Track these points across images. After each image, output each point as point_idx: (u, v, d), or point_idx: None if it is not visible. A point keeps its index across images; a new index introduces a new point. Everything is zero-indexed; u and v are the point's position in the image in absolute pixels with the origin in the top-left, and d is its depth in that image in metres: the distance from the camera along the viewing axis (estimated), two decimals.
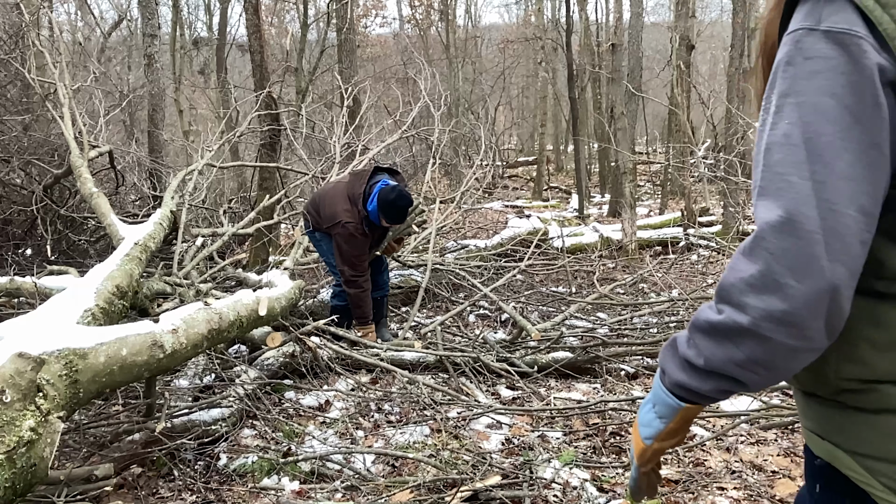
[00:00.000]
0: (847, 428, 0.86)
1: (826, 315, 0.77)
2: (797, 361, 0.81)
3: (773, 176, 0.79)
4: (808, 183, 0.76)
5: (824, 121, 0.76)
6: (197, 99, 17.63)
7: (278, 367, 3.79)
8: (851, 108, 0.75)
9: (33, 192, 5.92)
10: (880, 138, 0.76)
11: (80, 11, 17.93)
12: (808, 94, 0.77)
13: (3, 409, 1.84)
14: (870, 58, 0.74)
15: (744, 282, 0.79)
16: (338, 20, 12.42)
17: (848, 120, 0.75)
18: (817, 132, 0.76)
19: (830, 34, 0.76)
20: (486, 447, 3.08)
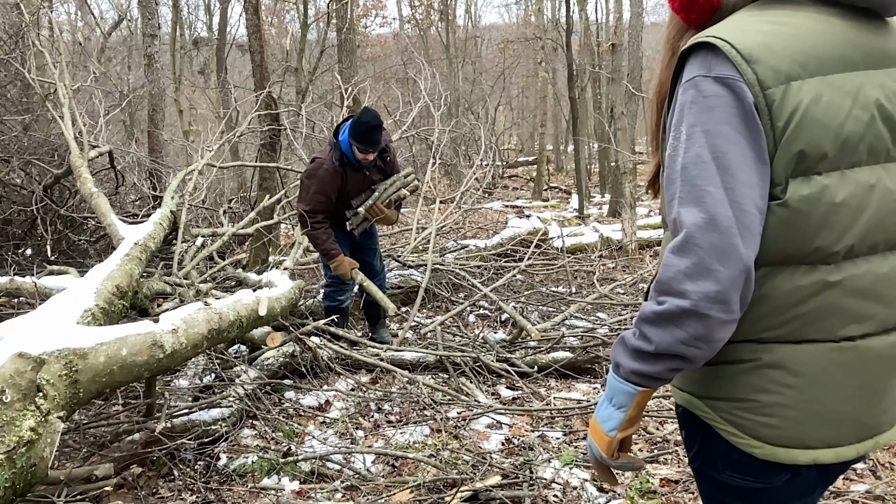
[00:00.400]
0: (698, 378, 1.12)
1: (742, 290, 0.98)
2: (726, 332, 1.00)
3: (691, 188, 0.99)
4: (721, 190, 0.97)
5: (726, 143, 0.98)
6: (197, 99, 17.63)
7: (278, 367, 3.79)
8: (743, 132, 0.98)
9: (33, 192, 5.92)
10: (764, 154, 0.99)
11: (80, 11, 17.93)
12: (710, 123, 0.99)
13: (3, 409, 1.84)
14: (747, 95, 0.98)
15: (681, 273, 0.98)
16: (338, 20, 12.42)
17: (743, 142, 0.98)
18: (722, 152, 0.98)
19: (720, 79, 1.00)
20: (486, 447, 3.08)
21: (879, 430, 1.10)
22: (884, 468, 2.74)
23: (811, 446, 1.06)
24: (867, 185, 1.02)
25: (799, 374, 1.04)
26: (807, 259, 1.03)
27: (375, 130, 3.96)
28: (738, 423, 1.08)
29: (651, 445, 3.06)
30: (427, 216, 7.04)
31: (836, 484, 2.64)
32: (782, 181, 1.01)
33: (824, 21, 1.04)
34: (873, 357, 1.06)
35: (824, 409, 1.05)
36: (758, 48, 1.00)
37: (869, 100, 1.02)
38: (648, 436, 3.12)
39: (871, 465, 2.77)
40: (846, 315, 1.04)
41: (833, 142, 1.00)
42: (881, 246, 1.05)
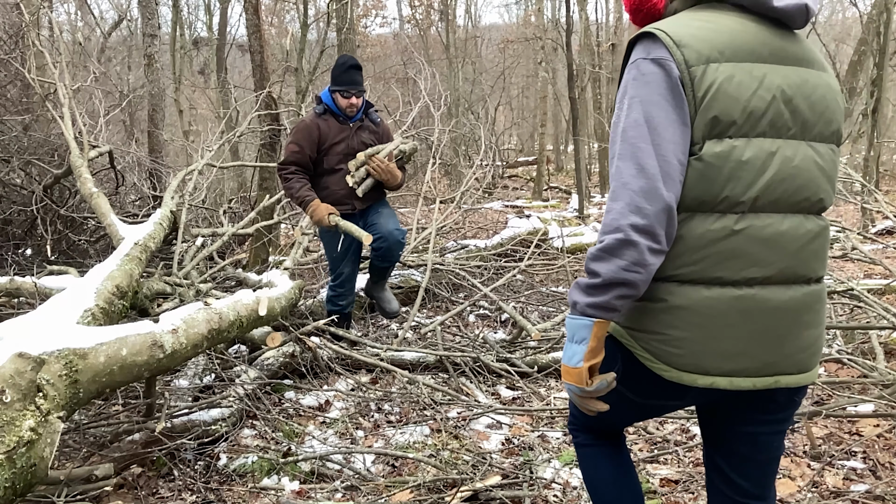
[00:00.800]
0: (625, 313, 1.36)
1: (666, 225, 1.25)
2: (656, 258, 1.25)
3: (628, 146, 1.27)
4: (650, 146, 1.24)
5: (657, 109, 1.25)
6: (197, 99, 17.62)
7: (278, 367, 3.79)
8: (670, 101, 1.25)
9: (33, 192, 5.92)
10: (686, 118, 1.26)
11: (80, 11, 17.93)
12: (645, 94, 1.27)
13: (3, 409, 1.84)
14: (675, 72, 1.25)
15: (617, 212, 1.24)
16: (338, 20, 12.41)
17: (669, 108, 1.25)
18: (653, 116, 1.25)
19: (655, 60, 1.27)
20: (486, 447, 3.08)
21: (782, 371, 1.32)
22: (884, 468, 2.74)
23: (710, 373, 1.29)
24: (769, 151, 1.27)
25: (704, 316, 1.28)
26: (717, 207, 1.27)
27: (354, 70, 3.81)
28: (653, 351, 1.32)
29: (651, 445, 3.06)
30: (427, 216, 7.03)
31: (837, 484, 2.64)
32: (700, 140, 1.27)
33: (741, 23, 1.31)
34: (772, 307, 1.28)
35: (723, 345, 1.28)
36: (686, 36, 1.27)
37: (772, 85, 1.28)
38: (648, 436, 3.13)
39: (871, 465, 2.77)
40: (748, 259, 1.27)
41: (741, 112, 1.26)
42: (782, 206, 1.28)
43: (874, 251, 6.21)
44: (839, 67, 14.70)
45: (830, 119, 1.33)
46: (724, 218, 1.26)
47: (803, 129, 1.31)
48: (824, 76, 1.34)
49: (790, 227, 1.29)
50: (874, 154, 9.66)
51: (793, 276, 1.30)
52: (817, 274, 1.34)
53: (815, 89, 1.32)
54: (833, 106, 1.34)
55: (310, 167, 3.91)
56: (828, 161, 1.33)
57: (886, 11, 9.66)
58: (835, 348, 3.74)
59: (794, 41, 1.34)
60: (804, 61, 1.33)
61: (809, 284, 1.33)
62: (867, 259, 3.85)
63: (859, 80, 12.32)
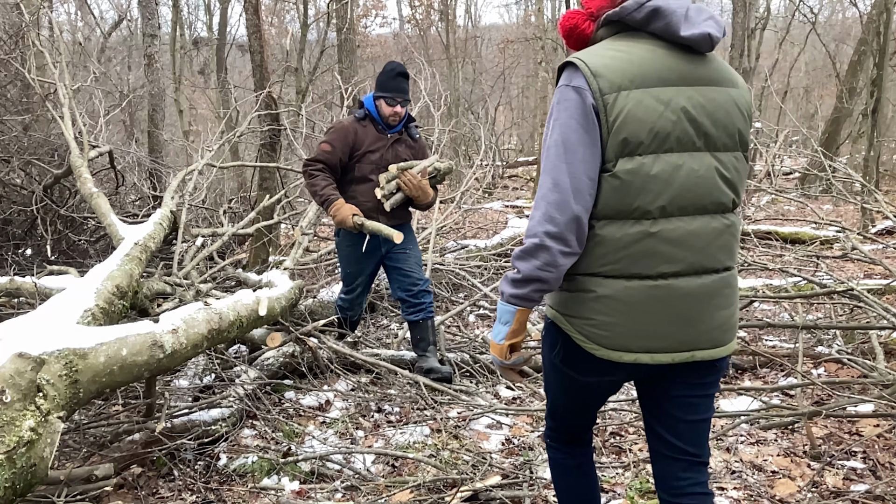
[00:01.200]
0: (563, 302, 1.58)
1: (576, 232, 1.47)
2: (567, 260, 1.49)
3: (549, 163, 1.48)
4: (564, 164, 1.46)
5: (571, 132, 1.46)
6: (197, 99, 17.62)
7: (278, 367, 3.79)
8: (583, 125, 1.46)
9: (33, 192, 5.92)
10: (596, 140, 1.46)
11: (80, 11, 17.93)
12: (564, 119, 1.47)
13: (3, 409, 1.84)
14: (589, 99, 1.45)
15: (536, 220, 1.47)
16: (338, 20, 12.41)
17: (581, 132, 1.46)
18: (567, 138, 1.46)
19: (574, 88, 1.47)
20: (486, 447, 3.08)
21: (697, 347, 1.54)
22: (884, 468, 2.74)
23: (633, 351, 1.52)
24: (675, 164, 1.47)
25: (626, 304, 1.50)
26: (632, 215, 1.48)
27: (402, 78, 3.65)
28: (586, 333, 1.54)
29: None
30: (427, 216, 7.03)
31: (837, 484, 2.65)
32: (613, 159, 1.47)
33: (653, 51, 1.50)
34: (684, 294, 1.51)
35: (644, 328, 1.51)
36: (601, 67, 1.46)
37: (678, 106, 1.47)
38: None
39: (871, 465, 2.77)
40: (661, 257, 1.49)
41: (648, 133, 1.45)
42: (690, 209, 1.50)
43: (874, 251, 6.21)
44: (839, 67, 14.70)
45: (732, 131, 1.53)
46: (638, 224, 1.48)
47: (707, 142, 1.51)
48: (730, 91, 1.54)
49: (698, 227, 1.50)
50: (874, 154, 9.66)
51: (701, 268, 1.52)
52: (725, 264, 1.56)
53: (718, 106, 1.51)
54: (735, 118, 1.53)
55: (337, 170, 3.71)
56: (730, 168, 1.54)
57: (886, 11, 9.66)
58: (835, 348, 3.75)
59: (703, 63, 1.53)
60: (711, 81, 1.52)
61: (718, 273, 1.55)
62: (867, 259, 3.85)
63: (859, 80, 12.32)
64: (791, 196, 7.03)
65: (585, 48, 1.57)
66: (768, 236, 7.40)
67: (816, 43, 16.83)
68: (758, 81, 13.37)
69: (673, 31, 1.49)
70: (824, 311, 4.39)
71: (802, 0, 15.89)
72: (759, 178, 9.16)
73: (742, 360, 4.01)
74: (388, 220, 3.67)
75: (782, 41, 17.97)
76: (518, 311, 1.57)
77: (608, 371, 1.57)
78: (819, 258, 4.50)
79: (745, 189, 1.61)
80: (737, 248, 1.59)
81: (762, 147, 7.83)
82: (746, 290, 4.96)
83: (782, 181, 13.28)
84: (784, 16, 19.43)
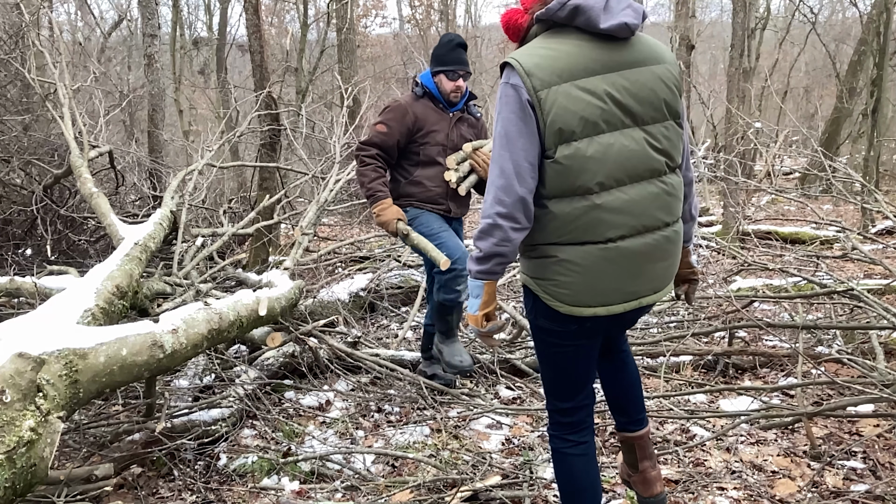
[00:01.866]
0: (531, 268, 1.81)
1: (523, 211, 1.68)
2: (518, 235, 1.71)
3: (495, 153, 1.70)
4: (507, 153, 1.67)
5: (510, 125, 1.67)
6: (197, 99, 17.62)
7: (278, 367, 3.79)
8: (521, 117, 1.66)
9: (33, 192, 5.91)
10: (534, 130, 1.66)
11: (80, 11, 17.92)
12: (504, 112, 1.68)
13: (3, 409, 1.84)
14: (524, 95, 1.65)
15: (488, 204, 1.70)
16: (338, 20, 12.41)
17: (520, 123, 1.66)
18: (508, 130, 1.67)
19: (510, 85, 1.67)
20: (486, 447, 3.08)
21: (642, 295, 1.79)
22: (884, 468, 2.74)
23: (591, 306, 1.75)
24: (608, 144, 1.67)
25: (581, 266, 1.72)
26: (576, 192, 1.68)
27: (461, 49, 3.38)
28: (550, 293, 1.77)
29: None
30: None
31: (837, 484, 2.65)
32: (552, 147, 1.67)
33: (578, 45, 1.68)
34: (629, 253, 1.72)
35: (598, 285, 1.74)
36: (533, 66, 1.65)
37: (603, 92, 1.66)
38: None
39: (871, 465, 2.77)
40: (607, 225, 1.70)
41: (578, 121, 1.65)
42: (626, 180, 1.70)
43: (874, 251, 6.21)
44: (839, 67, 14.70)
45: (658, 104, 1.72)
46: (583, 199, 1.69)
47: (634, 119, 1.70)
48: (654, 69, 1.72)
49: (635, 194, 1.71)
50: (874, 154, 9.65)
51: (644, 228, 1.73)
52: (665, 221, 1.77)
53: (641, 85, 1.70)
54: (661, 91, 1.72)
55: (394, 154, 3.37)
56: (659, 137, 1.73)
57: (886, 11, 9.66)
58: (835, 348, 3.74)
59: (625, 48, 1.71)
60: (633, 63, 1.70)
61: (661, 230, 1.76)
62: (867, 259, 3.85)
63: (859, 80, 12.32)
64: (791, 196, 7.03)
65: (522, 43, 1.79)
66: (768, 236, 7.40)
67: (816, 43, 16.83)
68: (758, 81, 13.36)
69: (594, 25, 1.67)
70: (824, 311, 4.39)
71: (802, 0, 15.89)
72: (759, 178, 9.16)
73: (742, 360, 4.01)
74: (457, 206, 3.46)
75: (782, 41, 17.97)
76: (486, 285, 1.82)
77: (573, 323, 1.80)
78: (819, 258, 4.49)
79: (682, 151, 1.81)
80: (677, 205, 1.80)
81: (762, 147, 7.83)
82: (747, 290, 4.96)
83: (782, 181, 13.29)
84: (784, 16, 19.43)
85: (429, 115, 3.38)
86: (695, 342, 4.15)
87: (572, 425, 1.96)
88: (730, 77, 9.33)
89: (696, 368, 4.02)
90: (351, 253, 6.83)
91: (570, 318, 1.78)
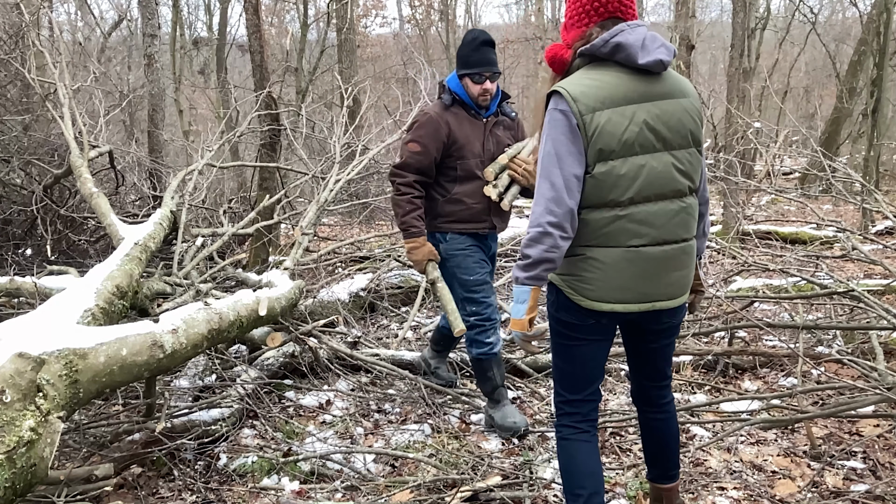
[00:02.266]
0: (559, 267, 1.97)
1: (570, 221, 1.88)
2: (566, 243, 1.90)
3: (545, 169, 1.89)
4: (557, 169, 1.87)
5: (560, 144, 1.88)
6: (197, 99, 17.61)
7: (278, 367, 3.79)
8: (569, 138, 1.88)
9: (33, 192, 5.91)
10: (580, 150, 1.88)
11: (80, 11, 17.92)
12: (554, 135, 1.89)
13: (3, 409, 1.84)
14: (572, 119, 1.87)
15: (538, 214, 1.88)
16: (338, 20, 12.42)
17: (569, 143, 1.88)
18: (558, 149, 1.88)
19: (560, 111, 1.89)
20: (486, 447, 3.08)
21: (658, 299, 1.98)
22: (884, 468, 2.74)
23: (609, 302, 1.96)
24: (640, 164, 1.91)
25: (605, 263, 1.94)
26: (607, 204, 1.92)
27: (487, 47, 3.08)
28: (574, 287, 1.99)
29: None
30: None
31: (837, 484, 2.65)
32: (592, 164, 1.90)
33: (618, 77, 1.91)
34: (648, 258, 1.94)
35: (617, 283, 1.95)
36: (580, 94, 1.88)
37: (640, 119, 1.90)
38: None
39: (871, 465, 2.78)
40: (630, 233, 1.93)
41: (617, 143, 1.89)
42: (652, 197, 1.93)
43: (874, 251, 6.21)
44: (839, 67, 14.69)
45: (684, 133, 1.96)
46: (610, 210, 1.92)
47: (664, 144, 1.93)
48: (681, 101, 1.96)
49: (658, 209, 1.94)
50: (874, 154, 9.65)
51: (662, 240, 1.95)
52: (682, 237, 2.00)
53: (671, 115, 1.94)
54: (686, 122, 1.96)
55: (431, 174, 3.14)
56: (684, 162, 1.96)
57: (886, 11, 9.66)
58: (835, 348, 3.74)
59: (658, 81, 1.94)
60: (665, 95, 1.94)
61: (677, 243, 1.98)
62: (867, 259, 3.85)
63: (859, 80, 12.32)
64: (791, 196, 7.02)
65: (566, 74, 1.99)
66: (768, 236, 7.40)
67: (816, 43, 16.82)
68: (758, 81, 13.37)
69: (633, 60, 1.89)
70: (824, 311, 4.39)
71: (802, 0, 15.88)
72: (759, 178, 9.15)
73: (742, 360, 4.01)
74: (501, 220, 3.26)
75: (782, 41, 17.97)
76: (532, 290, 1.97)
77: (592, 317, 1.99)
78: (819, 258, 4.49)
79: (701, 175, 2.05)
80: (693, 223, 2.04)
81: (762, 147, 7.82)
82: (747, 291, 4.96)
83: (782, 181, 13.28)
84: (784, 16, 19.42)
85: (462, 125, 3.12)
86: (695, 342, 4.15)
87: (578, 416, 2.11)
88: (730, 77, 9.33)
89: (696, 368, 4.02)
90: (351, 253, 6.83)
91: (589, 313, 1.98)
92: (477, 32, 3.15)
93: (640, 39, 1.89)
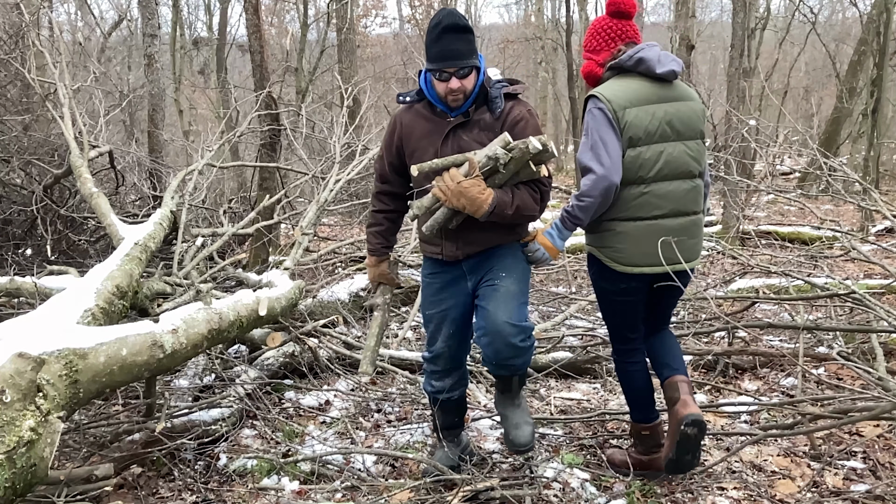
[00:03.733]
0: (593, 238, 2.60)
1: (614, 189, 2.41)
2: (608, 200, 2.43)
3: (592, 153, 2.42)
4: (604, 152, 2.41)
5: (604, 132, 2.43)
6: (197, 99, 17.61)
7: (278, 367, 3.79)
8: (609, 128, 2.43)
9: (33, 192, 5.91)
10: (618, 136, 2.44)
11: (80, 11, 17.92)
12: (594, 125, 2.45)
13: (3, 409, 1.84)
14: (609, 114, 2.43)
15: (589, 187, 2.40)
16: (338, 20, 12.41)
17: (609, 131, 2.43)
18: (603, 137, 2.42)
19: (598, 108, 2.46)
20: (486, 447, 3.08)
21: (675, 262, 2.45)
22: (884, 468, 2.74)
23: (639, 265, 2.49)
24: (659, 150, 2.45)
25: (632, 236, 2.48)
26: (634, 182, 2.45)
27: (452, 35, 2.43)
28: (610, 256, 2.52)
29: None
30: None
31: (837, 484, 2.65)
32: (624, 150, 2.43)
33: (640, 83, 2.48)
34: (668, 228, 2.47)
35: (644, 250, 2.47)
36: (612, 95, 2.43)
37: (659, 115, 2.45)
38: None
39: (871, 465, 2.77)
40: (652, 206, 2.46)
41: (643, 133, 2.43)
42: (669, 176, 2.46)
43: (873, 251, 6.21)
44: (839, 67, 14.68)
45: (694, 128, 2.52)
46: (637, 187, 2.45)
47: (678, 135, 2.48)
48: (689, 104, 2.52)
49: (674, 187, 2.48)
50: (874, 154, 9.65)
51: (678, 212, 2.49)
52: (694, 210, 2.54)
53: (683, 113, 2.49)
54: (694, 119, 2.52)
55: (395, 183, 2.68)
56: (693, 149, 2.52)
57: (886, 11, 9.66)
58: (835, 349, 3.74)
59: (671, 88, 2.51)
60: (677, 98, 2.50)
61: (689, 216, 2.53)
62: (866, 260, 3.85)
63: (859, 80, 12.32)
64: (791, 196, 7.02)
65: (599, 84, 2.54)
66: (768, 235, 7.40)
67: (816, 43, 16.82)
68: (758, 81, 13.36)
69: (651, 70, 2.46)
70: (825, 311, 4.38)
71: (802, 0, 15.88)
72: (759, 178, 9.15)
73: (742, 360, 4.01)
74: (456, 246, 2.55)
75: (782, 41, 17.97)
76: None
77: (626, 280, 2.52)
78: (819, 259, 4.50)
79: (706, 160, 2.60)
80: (701, 200, 2.58)
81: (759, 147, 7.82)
82: (747, 291, 4.96)
83: (782, 181, 13.27)
84: (784, 16, 19.42)
85: (417, 126, 2.56)
86: (695, 342, 4.15)
87: (629, 352, 2.71)
88: (730, 77, 9.33)
89: (696, 368, 4.02)
90: (351, 253, 6.83)
91: (622, 276, 2.51)
92: (442, 15, 2.48)
93: (657, 55, 2.47)
